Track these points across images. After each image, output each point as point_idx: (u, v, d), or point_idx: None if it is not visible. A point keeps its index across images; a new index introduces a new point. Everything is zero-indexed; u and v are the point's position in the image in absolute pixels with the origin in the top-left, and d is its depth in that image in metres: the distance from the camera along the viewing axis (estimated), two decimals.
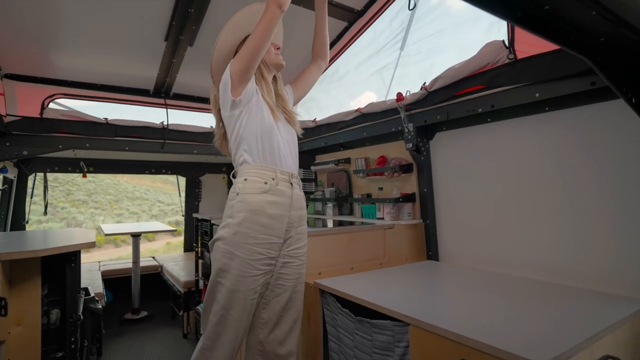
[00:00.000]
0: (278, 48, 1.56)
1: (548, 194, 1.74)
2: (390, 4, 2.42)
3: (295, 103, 1.76)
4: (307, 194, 3.32)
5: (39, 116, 2.67)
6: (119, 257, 10.30)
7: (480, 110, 1.88)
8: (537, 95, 1.64)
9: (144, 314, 3.65)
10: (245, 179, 1.41)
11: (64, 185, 14.65)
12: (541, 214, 1.76)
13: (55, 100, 2.81)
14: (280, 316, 1.50)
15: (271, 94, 1.53)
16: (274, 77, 1.60)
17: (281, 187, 1.43)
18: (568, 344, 1.00)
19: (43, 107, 2.70)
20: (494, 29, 1.84)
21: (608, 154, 1.55)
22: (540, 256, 1.76)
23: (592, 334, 1.07)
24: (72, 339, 1.57)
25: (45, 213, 3.48)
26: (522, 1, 0.87)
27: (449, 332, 1.12)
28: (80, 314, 1.66)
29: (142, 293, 3.72)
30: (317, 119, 3.07)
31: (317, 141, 3.11)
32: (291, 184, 1.47)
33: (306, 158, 3.38)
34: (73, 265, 1.60)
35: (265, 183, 1.40)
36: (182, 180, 4.34)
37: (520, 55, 1.70)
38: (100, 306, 2.22)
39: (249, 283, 1.36)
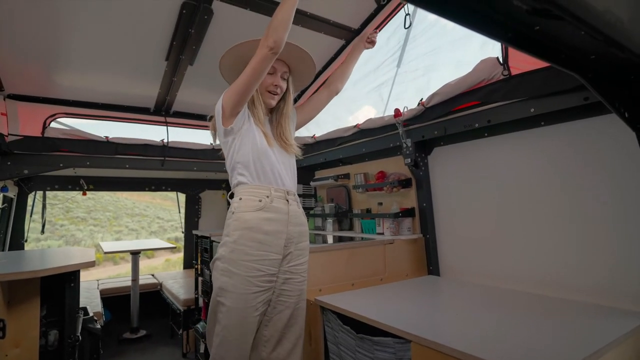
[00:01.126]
0: (276, 85, 1.53)
1: (547, 207, 1.75)
2: (387, 23, 2.47)
3: (299, 126, 1.78)
4: (307, 209, 3.33)
5: (41, 135, 2.70)
6: (117, 275, 10.22)
7: (477, 125, 1.90)
8: (532, 110, 1.67)
9: (142, 333, 3.60)
10: (240, 198, 1.44)
11: (64, 203, 14.63)
12: (541, 227, 1.77)
13: (57, 120, 2.84)
14: (282, 334, 1.48)
15: (264, 120, 1.53)
16: (279, 103, 1.59)
17: (276, 204, 1.45)
18: None
19: (44, 126, 2.73)
20: (488, 45, 1.88)
21: (605, 166, 1.57)
22: (541, 270, 1.75)
23: (595, 350, 1.06)
24: None
25: (43, 232, 3.47)
26: (513, 23, 0.90)
27: (452, 349, 1.11)
28: (78, 334, 1.65)
29: (141, 311, 3.68)
30: (316, 135, 3.10)
31: (316, 157, 3.13)
32: (287, 200, 1.48)
33: (305, 174, 3.39)
34: (72, 285, 1.59)
35: (260, 201, 1.42)
36: (182, 197, 4.34)
37: (514, 71, 1.73)
38: (99, 326, 2.19)
39: (249, 301, 1.36)
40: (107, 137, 2.92)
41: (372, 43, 1.78)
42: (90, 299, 3.22)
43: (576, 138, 1.66)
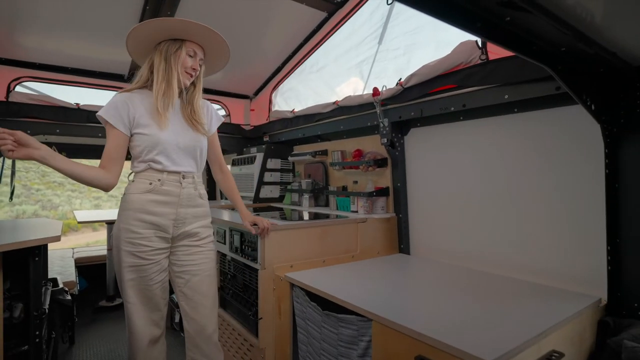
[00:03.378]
0: (195, 69, 1.58)
1: (518, 191, 1.79)
2: None
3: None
4: (284, 184, 3.33)
5: (5, 99, 2.57)
6: (97, 241, 10.15)
7: (452, 108, 1.91)
8: (506, 96, 1.68)
9: (118, 301, 3.62)
10: (133, 181, 1.54)
11: (39, 167, 14.20)
12: (511, 211, 1.82)
13: (23, 83, 2.70)
14: (194, 297, 1.59)
15: (170, 104, 1.53)
16: (190, 85, 1.62)
17: (167, 187, 1.53)
18: (517, 341, 1.06)
19: (9, 90, 2.60)
20: None
21: (571, 156, 1.61)
22: (507, 253, 1.83)
23: (540, 331, 1.13)
24: (37, 332, 1.56)
25: (11, 199, 3.40)
26: (482, 12, 0.89)
27: (407, 329, 1.16)
28: (46, 307, 1.64)
29: (117, 280, 3.68)
30: (295, 110, 3.05)
31: (295, 132, 3.10)
32: (181, 183, 1.55)
33: (284, 149, 3.37)
34: (37, 259, 1.57)
35: (150, 184, 1.51)
36: None
37: (492, 56, 1.72)
38: (69, 297, 2.19)
39: (140, 271, 1.50)
40: (77, 104, 2.81)
41: (255, 228, 1.83)
42: (64, 268, 3.21)
43: (546, 126, 1.69)
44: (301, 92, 3.10)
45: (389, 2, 2.20)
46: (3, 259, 1.47)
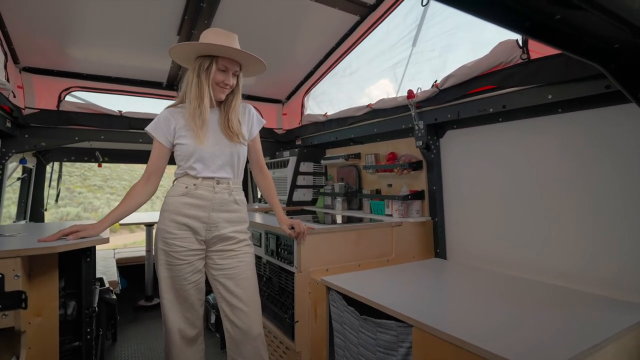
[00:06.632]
0: (226, 83, 1.62)
1: (560, 196, 1.72)
2: None
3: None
4: (317, 187, 3.35)
5: (56, 109, 2.74)
6: (134, 242, 10.58)
7: (491, 110, 1.86)
8: (550, 96, 1.62)
9: (157, 301, 3.75)
10: (173, 184, 1.66)
11: (81, 171, 15.00)
12: (552, 216, 1.75)
13: (72, 93, 2.87)
14: (231, 300, 1.63)
15: (204, 115, 1.60)
16: (228, 96, 1.68)
17: (201, 191, 1.60)
18: (569, 353, 1.01)
19: (59, 99, 2.77)
20: None
21: (622, 158, 1.52)
22: (549, 259, 1.75)
23: (594, 343, 1.07)
24: (88, 329, 1.65)
25: (57, 202, 3.63)
26: (531, 11, 0.86)
27: (451, 336, 1.14)
28: (95, 305, 1.74)
29: (155, 280, 3.82)
30: (328, 113, 3.07)
31: (327, 135, 3.11)
32: (214, 188, 1.62)
33: (316, 152, 3.39)
34: (88, 260, 1.66)
35: (186, 187, 1.60)
36: None
37: (533, 55, 1.66)
38: (114, 296, 2.29)
39: (174, 271, 1.58)
40: (120, 111, 2.95)
41: (293, 232, 1.84)
42: (106, 268, 3.36)
43: (594, 127, 1.60)
44: (334, 96, 3.11)
45: (424, 3, 2.18)
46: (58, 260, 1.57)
